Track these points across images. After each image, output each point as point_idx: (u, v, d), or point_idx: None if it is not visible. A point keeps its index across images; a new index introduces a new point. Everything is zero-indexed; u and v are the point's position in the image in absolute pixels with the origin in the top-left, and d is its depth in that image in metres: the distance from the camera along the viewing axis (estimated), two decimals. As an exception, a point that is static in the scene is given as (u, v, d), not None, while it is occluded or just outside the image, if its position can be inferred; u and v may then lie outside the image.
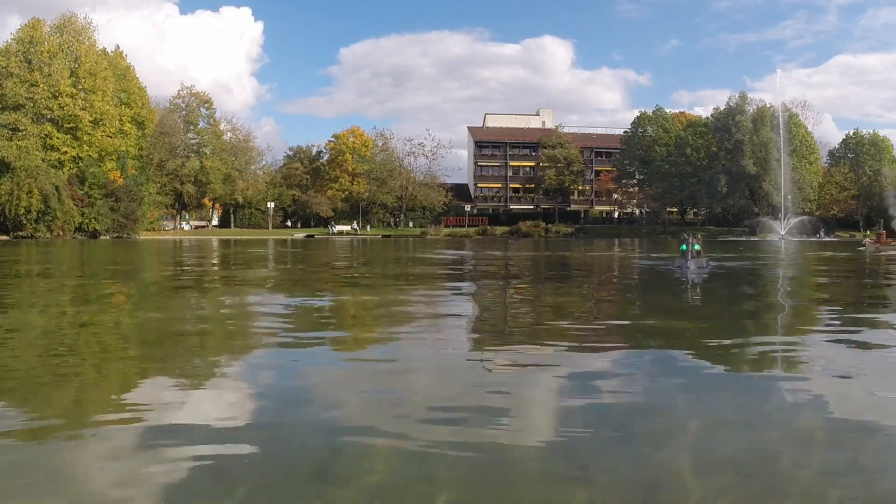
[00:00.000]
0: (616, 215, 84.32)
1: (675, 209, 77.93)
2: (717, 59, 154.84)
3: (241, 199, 72.99)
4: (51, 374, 3.53)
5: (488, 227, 72.72)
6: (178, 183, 68.10)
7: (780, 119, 65.43)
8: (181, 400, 2.97)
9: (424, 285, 10.04)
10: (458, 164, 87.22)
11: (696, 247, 12.80)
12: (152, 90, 76.11)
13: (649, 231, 71.04)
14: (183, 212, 75.08)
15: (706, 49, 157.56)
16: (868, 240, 34.32)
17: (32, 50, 56.56)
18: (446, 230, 71.27)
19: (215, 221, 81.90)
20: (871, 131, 76.58)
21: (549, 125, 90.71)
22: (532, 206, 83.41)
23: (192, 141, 70.98)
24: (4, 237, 49.01)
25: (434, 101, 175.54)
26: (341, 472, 2.11)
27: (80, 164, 56.90)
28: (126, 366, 3.89)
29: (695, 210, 79.23)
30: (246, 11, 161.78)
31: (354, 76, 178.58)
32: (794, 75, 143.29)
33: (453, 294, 8.67)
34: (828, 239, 56.35)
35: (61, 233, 51.84)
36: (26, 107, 55.48)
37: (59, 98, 56.13)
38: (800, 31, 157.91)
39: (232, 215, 76.42)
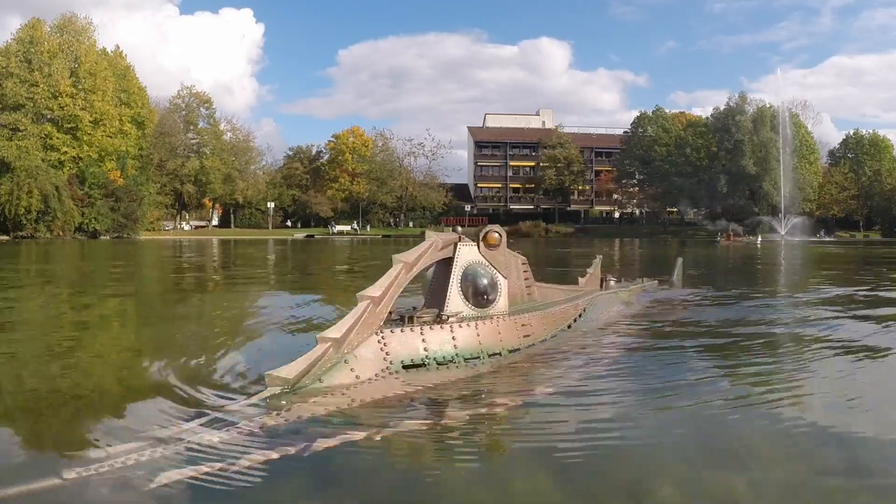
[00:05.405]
0: (616, 215, 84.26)
1: (675, 209, 77.86)
2: (713, 60, 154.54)
3: (241, 199, 72.99)
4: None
5: (488, 228, 72.57)
6: (178, 183, 68.10)
7: (780, 119, 65.42)
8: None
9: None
10: (458, 164, 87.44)
11: (485, 280, 3.37)
12: (153, 90, 76.04)
13: (649, 231, 70.98)
14: (183, 212, 75.05)
15: (702, 50, 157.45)
16: (721, 239, 45.64)
17: (32, 50, 56.53)
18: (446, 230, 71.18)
19: (215, 221, 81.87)
20: (870, 131, 76.62)
21: (549, 125, 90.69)
22: (532, 206, 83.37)
23: (192, 141, 70.97)
24: (4, 237, 48.95)
25: (432, 102, 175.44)
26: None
27: (80, 164, 56.89)
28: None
29: (695, 210, 79.13)
30: (247, 13, 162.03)
31: (353, 77, 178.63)
32: (789, 76, 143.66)
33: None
34: (827, 239, 56.36)
35: (61, 233, 51.78)
36: (26, 107, 55.46)
37: (59, 98, 56.12)
38: (794, 32, 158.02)
39: (232, 215, 76.39)
